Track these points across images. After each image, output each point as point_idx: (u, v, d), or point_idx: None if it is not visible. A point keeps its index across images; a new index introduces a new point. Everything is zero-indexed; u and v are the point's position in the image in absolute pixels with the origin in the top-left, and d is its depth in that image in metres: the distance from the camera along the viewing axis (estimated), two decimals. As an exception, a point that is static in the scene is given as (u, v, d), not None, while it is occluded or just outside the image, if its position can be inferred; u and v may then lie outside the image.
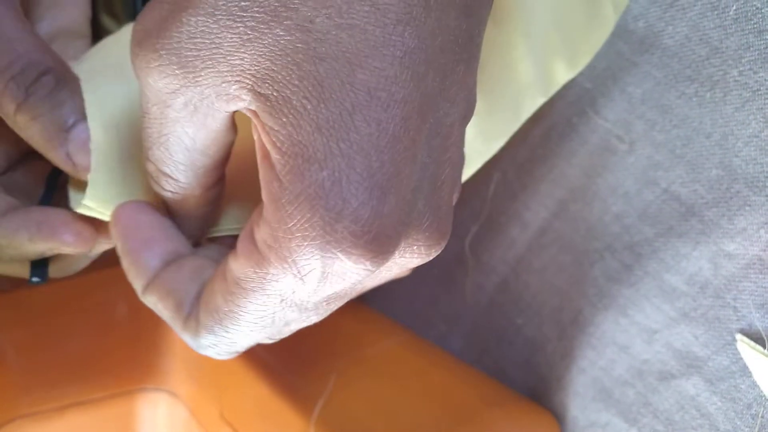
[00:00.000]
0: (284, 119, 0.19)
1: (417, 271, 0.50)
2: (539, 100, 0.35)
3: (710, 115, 0.34)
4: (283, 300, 0.21)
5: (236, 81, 0.20)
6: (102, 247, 0.27)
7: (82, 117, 0.25)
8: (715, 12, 0.33)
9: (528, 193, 0.42)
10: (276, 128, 0.19)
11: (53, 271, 0.29)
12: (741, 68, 0.33)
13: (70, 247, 0.26)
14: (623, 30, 0.37)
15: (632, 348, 0.38)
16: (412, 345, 0.46)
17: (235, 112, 0.21)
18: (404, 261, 0.22)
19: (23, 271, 0.29)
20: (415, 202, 0.21)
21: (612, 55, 0.37)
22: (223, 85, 0.20)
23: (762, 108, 0.33)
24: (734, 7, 0.33)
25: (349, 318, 0.49)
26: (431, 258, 0.23)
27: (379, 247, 0.20)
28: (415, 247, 0.22)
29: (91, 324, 0.49)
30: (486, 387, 0.43)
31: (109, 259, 0.53)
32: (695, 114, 0.35)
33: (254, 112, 0.20)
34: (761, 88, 0.33)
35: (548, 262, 0.41)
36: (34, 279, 0.28)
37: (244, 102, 0.20)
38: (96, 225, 0.27)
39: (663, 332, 0.37)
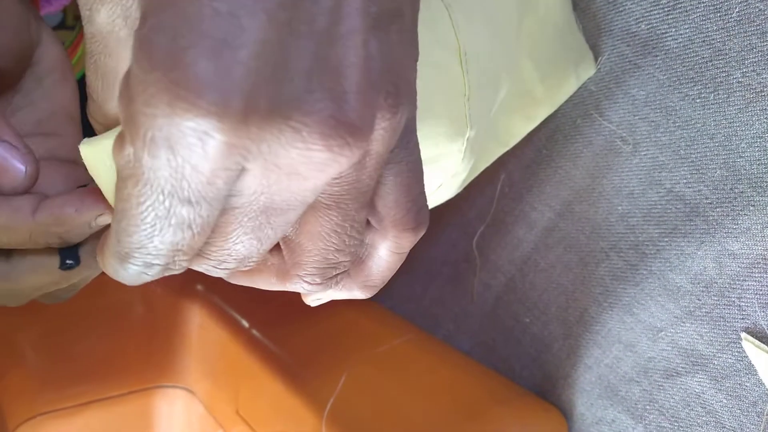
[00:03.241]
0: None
1: (426, 270, 0.50)
2: (499, 150, 0.37)
3: (714, 116, 0.34)
4: (165, 190, 0.19)
5: None
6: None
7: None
8: (718, 14, 0.34)
9: (534, 194, 0.42)
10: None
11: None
12: (744, 70, 0.33)
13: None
14: (626, 33, 0.37)
15: (638, 346, 0.38)
16: (422, 343, 0.46)
17: None
18: (295, 153, 0.19)
19: (53, 263, 0.30)
20: (288, 76, 0.18)
21: (615, 57, 0.37)
22: None
23: (765, 109, 0.33)
24: (737, 9, 0.33)
25: (361, 317, 0.49)
26: (337, 157, 0.19)
27: (225, 108, 0.17)
28: (304, 133, 0.18)
29: (109, 323, 0.50)
30: (494, 384, 0.43)
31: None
32: (699, 115, 0.35)
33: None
34: (764, 89, 0.33)
35: (554, 262, 0.42)
36: (68, 262, 0.29)
37: None
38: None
39: (668, 330, 0.37)
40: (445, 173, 0.31)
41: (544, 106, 0.37)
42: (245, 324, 0.49)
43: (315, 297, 0.26)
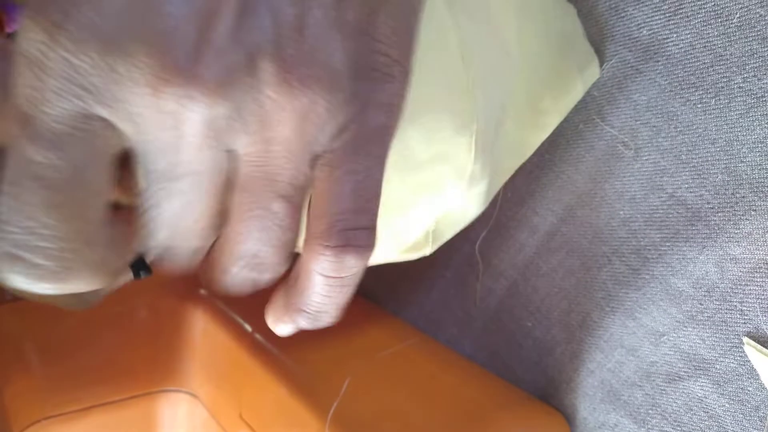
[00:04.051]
0: None
1: (429, 274, 0.50)
2: (517, 162, 0.36)
3: (715, 121, 0.34)
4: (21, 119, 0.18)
5: None
6: None
7: None
8: (719, 20, 0.34)
9: (536, 199, 0.42)
10: None
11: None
12: (745, 75, 0.33)
13: None
14: (627, 38, 0.37)
15: (640, 350, 0.38)
16: (425, 347, 0.46)
17: None
18: (145, 100, 0.18)
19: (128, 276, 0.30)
20: (160, 15, 0.17)
21: (617, 63, 0.38)
22: None
23: (766, 114, 0.33)
24: (738, 15, 0.33)
25: (365, 321, 0.49)
26: (183, 110, 0.18)
27: (61, 31, 0.17)
28: (148, 75, 0.17)
29: (113, 328, 0.50)
30: (497, 388, 0.43)
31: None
32: (700, 120, 0.35)
33: None
34: (765, 94, 0.33)
35: (556, 266, 0.42)
36: (141, 273, 0.30)
37: None
38: None
39: (670, 335, 0.37)
40: (459, 175, 0.29)
41: (553, 114, 0.37)
42: (248, 328, 0.49)
43: (281, 327, 0.25)
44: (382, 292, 0.53)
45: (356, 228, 0.21)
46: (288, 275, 0.24)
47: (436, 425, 0.39)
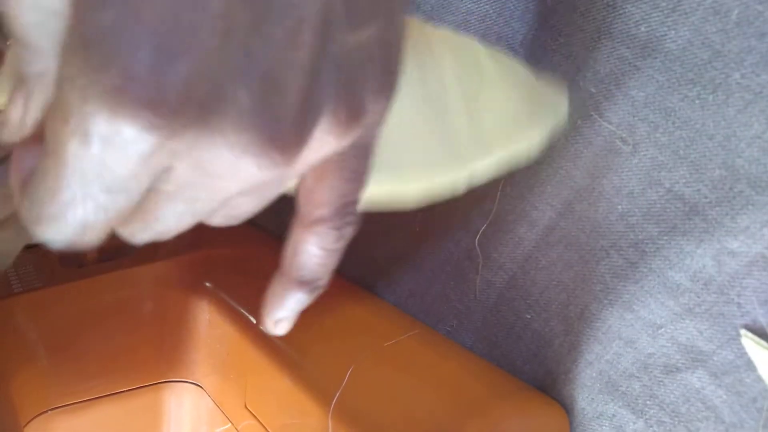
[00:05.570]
0: None
1: (430, 267, 0.51)
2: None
3: (713, 117, 0.35)
4: (87, 177, 0.18)
5: None
6: None
7: None
8: (717, 16, 0.34)
9: (535, 194, 0.42)
10: None
11: None
12: (743, 71, 0.33)
13: None
14: (626, 35, 0.37)
15: (638, 342, 0.39)
16: (425, 339, 0.47)
17: None
18: (225, 162, 0.19)
19: None
20: (228, 88, 0.18)
21: (615, 59, 0.38)
22: None
23: (764, 110, 0.33)
24: (736, 12, 0.33)
25: (367, 313, 0.50)
26: (263, 172, 0.20)
27: (159, 112, 0.17)
28: (236, 150, 0.19)
29: (119, 319, 0.50)
30: (496, 379, 0.44)
31: (136, 257, 0.54)
32: (698, 116, 0.35)
33: None
34: (763, 90, 0.33)
35: (555, 260, 0.42)
36: None
37: None
38: None
39: (668, 327, 0.37)
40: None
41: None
42: (253, 320, 0.49)
43: (280, 312, 0.28)
44: (384, 284, 0.53)
45: (354, 202, 0.24)
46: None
47: (436, 414, 0.40)
